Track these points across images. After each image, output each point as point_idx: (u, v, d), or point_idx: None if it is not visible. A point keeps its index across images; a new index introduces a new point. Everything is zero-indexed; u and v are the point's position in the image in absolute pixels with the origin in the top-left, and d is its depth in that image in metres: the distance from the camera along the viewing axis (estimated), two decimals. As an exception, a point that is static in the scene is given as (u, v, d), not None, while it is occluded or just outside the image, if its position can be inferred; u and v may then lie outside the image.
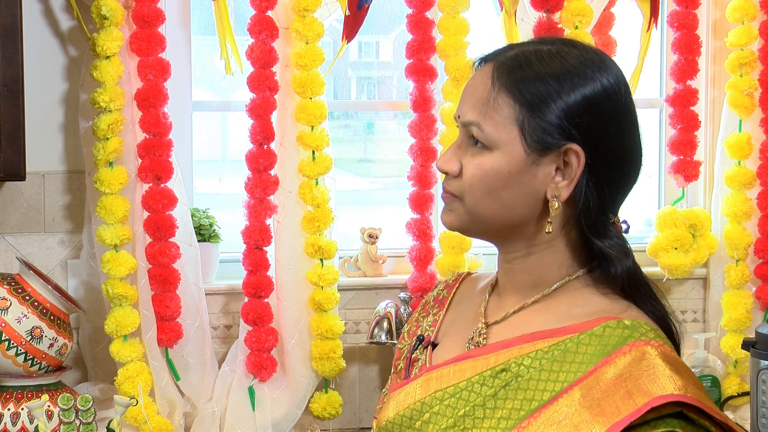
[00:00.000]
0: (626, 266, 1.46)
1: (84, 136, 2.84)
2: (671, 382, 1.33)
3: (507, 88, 1.43)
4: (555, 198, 1.43)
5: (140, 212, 2.82)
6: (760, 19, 3.18)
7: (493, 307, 1.53)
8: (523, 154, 1.42)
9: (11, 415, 2.61)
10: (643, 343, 1.38)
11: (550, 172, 1.43)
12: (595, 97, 1.43)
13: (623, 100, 1.46)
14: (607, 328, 1.40)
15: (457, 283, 1.66)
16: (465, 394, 1.43)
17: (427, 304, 1.66)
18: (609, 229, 1.46)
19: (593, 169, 1.43)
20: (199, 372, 2.90)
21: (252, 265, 2.87)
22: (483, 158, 1.44)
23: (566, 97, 1.42)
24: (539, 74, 1.43)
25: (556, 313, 1.46)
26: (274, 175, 2.88)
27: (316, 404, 2.93)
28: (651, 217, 3.29)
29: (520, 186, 1.43)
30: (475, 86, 1.47)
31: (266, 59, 2.83)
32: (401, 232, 3.04)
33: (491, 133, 1.43)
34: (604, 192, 1.44)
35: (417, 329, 1.63)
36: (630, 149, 1.47)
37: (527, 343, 1.43)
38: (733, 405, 3.18)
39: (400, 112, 3.19)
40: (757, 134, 3.20)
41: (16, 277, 2.69)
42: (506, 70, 1.44)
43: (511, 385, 1.41)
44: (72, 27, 2.87)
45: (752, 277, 3.22)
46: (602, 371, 1.36)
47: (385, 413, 1.51)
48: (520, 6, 3.02)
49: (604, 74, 1.44)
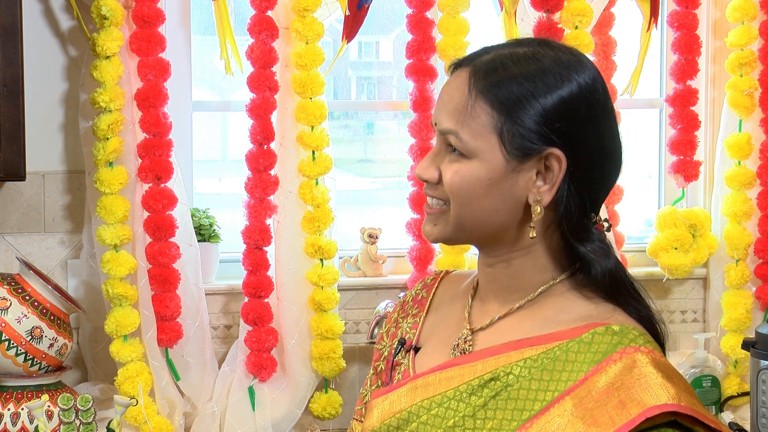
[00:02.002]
0: (607, 267, 1.44)
1: (84, 136, 2.84)
2: (664, 391, 1.32)
3: (483, 94, 1.41)
4: (537, 203, 1.41)
5: (140, 212, 2.82)
6: (760, 19, 3.18)
7: (477, 313, 1.51)
8: (503, 161, 1.40)
9: (11, 415, 2.61)
10: (633, 349, 1.36)
11: (531, 177, 1.41)
12: (572, 98, 1.40)
13: (601, 99, 1.44)
14: (596, 335, 1.39)
15: (436, 282, 1.63)
16: (453, 404, 1.42)
17: (406, 304, 1.63)
18: (591, 231, 1.44)
19: (574, 172, 1.41)
20: (199, 372, 2.90)
21: (252, 265, 2.87)
22: (462, 166, 1.42)
23: (543, 100, 1.39)
24: (514, 77, 1.40)
25: (542, 319, 1.44)
26: (274, 175, 2.88)
27: (316, 404, 2.93)
28: (651, 217, 3.29)
29: (501, 192, 1.41)
30: (450, 93, 1.44)
31: (266, 59, 2.83)
32: (401, 232, 3.04)
33: (469, 142, 1.41)
34: (585, 194, 1.42)
35: (397, 330, 1.61)
36: (610, 148, 1.45)
37: (514, 350, 1.42)
38: (733, 405, 3.18)
39: (400, 112, 3.19)
40: (757, 134, 3.20)
41: (16, 277, 2.69)
42: (482, 76, 1.42)
43: (501, 395, 1.39)
44: (72, 27, 2.87)
45: (752, 277, 3.22)
46: (593, 380, 1.35)
47: (369, 421, 1.49)
48: (520, 6, 3.02)
49: (580, 74, 1.42)
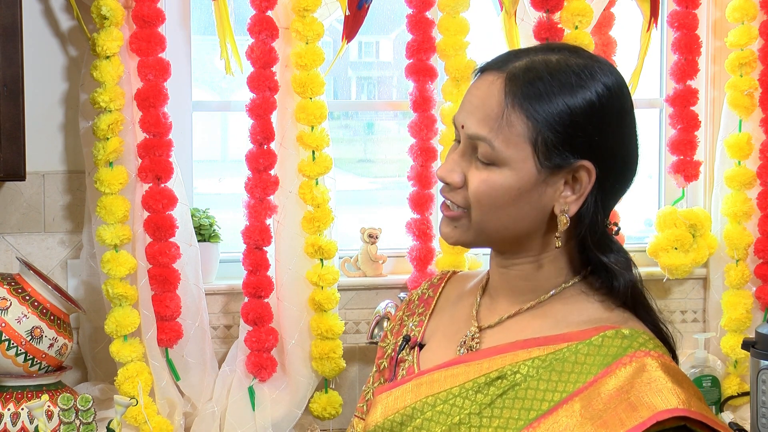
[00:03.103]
0: (630, 280, 1.44)
1: (84, 136, 2.84)
2: (674, 396, 1.32)
3: (520, 104, 1.39)
4: (563, 213, 1.41)
5: (140, 212, 2.82)
6: (760, 19, 3.18)
7: (485, 311, 1.51)
8: (534, 172, 1.40)
9: (11, 415, 2.61)
10: (643, 353, 1.37)
11: (559, 188, 1.41)
12: (603, 109, 1.40)
13: (627, 105, 1.44)
14: (606, 338, 1.39)
15: (443, 282, 1.63)
16: (459, 401, 1.42)
17: (412, 303, 1.63)
18: (613, 242, 1.45)
19: (602, 183, 1.41)
20: (199, 372, 2.90)
21: (252, 265, 2.87)
22: (491, 174, 1.41)
23: (577, 112, 1.39)
24: (551, 88, 1.39)
25: (552, 319, 1.44)
26: (274, 175, 2.88)
27: (316, 404, 2.93)
28: (651, 217, 3.28)
29: (529, 202, 1.41)
30: (482, 99, 1.42)
31: (266, 59, 2.83)
32: (401, 232, 3.04)
33: (502, 151, 1.40)
34: (607, 203, 1.44)
35: (402, 328, 1.61)
36: (632, 155, 1.46)
37: (522, 349, 1.41)
38: (733, 405, 3.18)
39: (400, 112, 3.19)
40: (757, 134, 3.19)
41: (16, 277, 2.69)
42: (519, 85, 1.40)
43: (509, 394, 1.39)
44: (72, 27, 2.87)
45: (752, 277, 3.22)
46: (602, 382, 1.35)
47: (372, 417, 1.48)
48: (520, 6, 3.02)
49: (610, 84, 1.42)
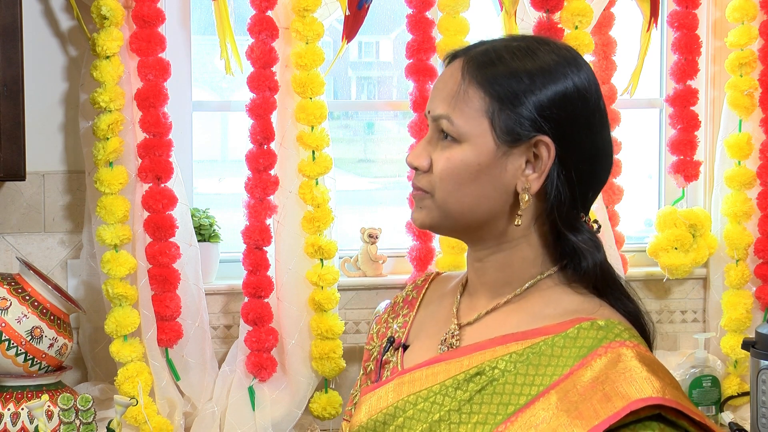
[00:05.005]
0: (598, 260, 1.45)
1: (84, 136, 2.84)
2: (649, 384, 1.32)
3: (477, 80, 1.43)
4: (525, 190, 1.42)
5: (140, 212, 2.82)
6: (760, 19, 3.18)
7: (465, 308, 1.52)
8: (492, 146, 1.42)
9: (11, 415, 2.61)
10: (618, 344, 1.37)
11: (521, 165, 1.42)
12: (566, 94, 1.42)
13: (593, 98, 1.45)
14: (581, 330, 1.39)
15: (427, 283, 1.64)
16: (439, 399, 1.42)
17: (396, 305, 1.64)
18: (581, 223, 1.46)
19: (564, 163, 1.42)
20: (199, 372, 2.90)
21: (252, 265, 2.87)
22: (452, 151, 1.43)
23: (538, 93, 1.41)
24: (511, 70, 1.42)
25: (529, 313, 1.45)
26: (274, 175, 2.88)
27: (316, 404, 2.93)
28: (651, 217, 3.29)
29: (490, 179, 1.43)
30: (444, 81, 1.47)
31: (266, 59, 2.83)
32: (401, 232, 3.04)
33: (461, 125, 1.43)
34: (575, 187, 1.44)
35: (387, 330, 1.61)
36: (600, 148, 1.46)
37: (500, 345, 1.42)
38: (733, 405, 3.18)
39: (400, 112, 3.19)
40: (757, 134, 3.20)
41: (16, 277, 2.69)
42: (476, 64, 1.44)
43: (487, 390, 1.39)
44: (72, 27, 2.87)
45: (752, 277, 3.22)
46: (578, 374, 1.35)
47: (357, 417, 1.50)
48: (520, 6, 3.02)
49: (576, 72, 1.44)
